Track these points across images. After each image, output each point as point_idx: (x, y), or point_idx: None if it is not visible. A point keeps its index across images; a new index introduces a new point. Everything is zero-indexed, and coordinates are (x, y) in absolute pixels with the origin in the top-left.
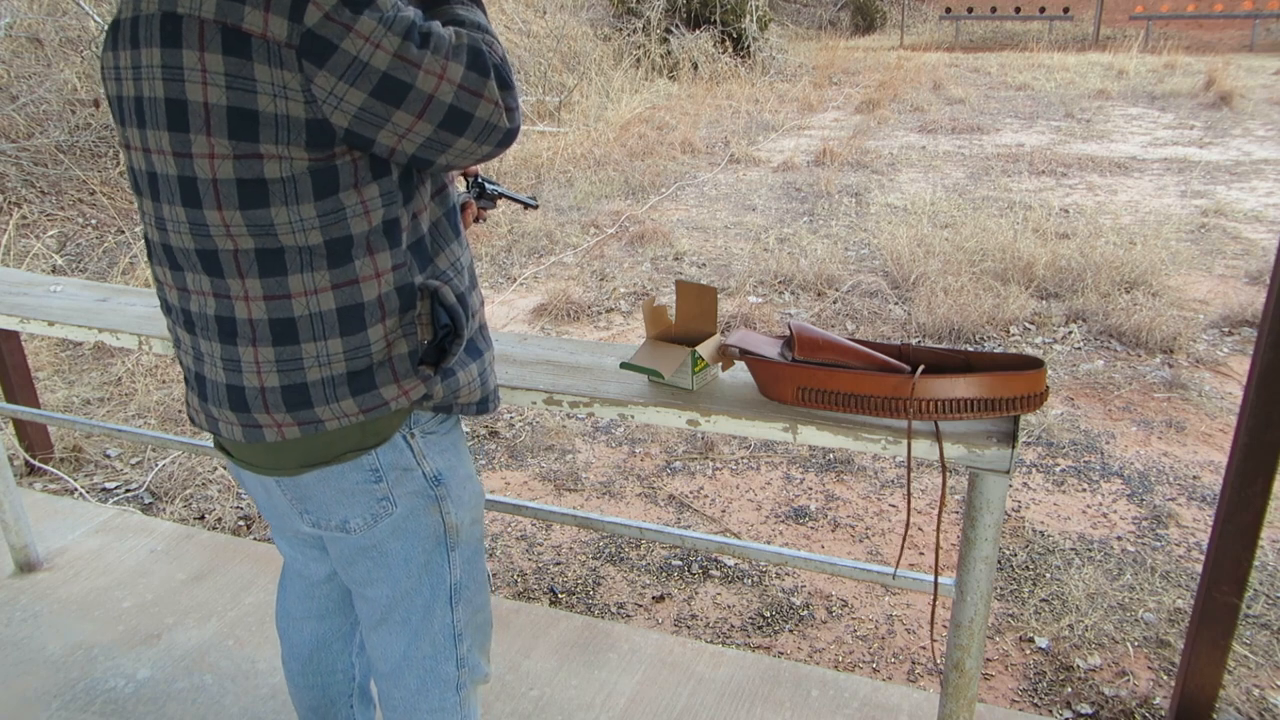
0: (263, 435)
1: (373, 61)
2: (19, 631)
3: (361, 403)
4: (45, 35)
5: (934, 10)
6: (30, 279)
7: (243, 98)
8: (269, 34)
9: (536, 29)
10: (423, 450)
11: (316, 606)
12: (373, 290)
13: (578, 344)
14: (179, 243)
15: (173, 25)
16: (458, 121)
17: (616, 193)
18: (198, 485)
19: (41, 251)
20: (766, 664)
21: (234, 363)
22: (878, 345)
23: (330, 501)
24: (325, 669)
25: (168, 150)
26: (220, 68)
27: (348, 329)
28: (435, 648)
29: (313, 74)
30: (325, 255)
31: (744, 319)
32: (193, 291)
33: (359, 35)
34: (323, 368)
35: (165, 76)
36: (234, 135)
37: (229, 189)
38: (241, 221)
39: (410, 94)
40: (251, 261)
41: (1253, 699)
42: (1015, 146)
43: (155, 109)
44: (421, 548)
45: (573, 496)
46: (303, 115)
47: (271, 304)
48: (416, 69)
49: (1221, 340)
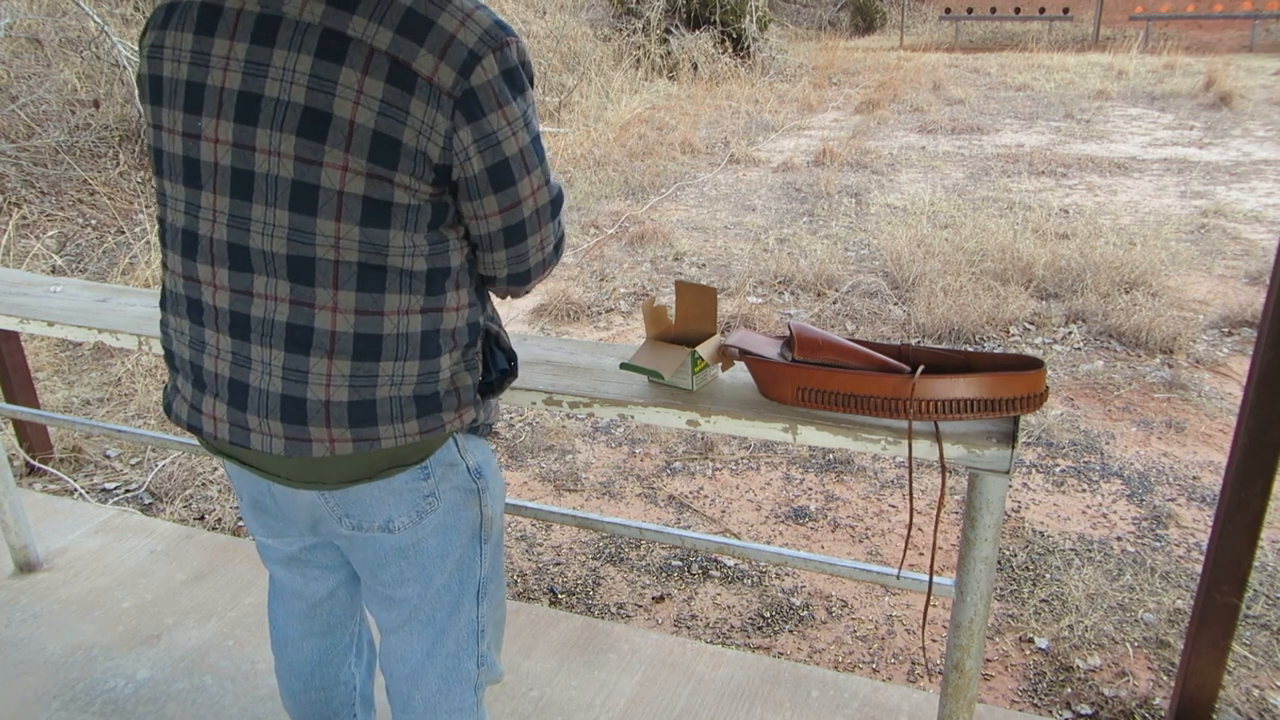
0: (310, 450)
1: (504, 144)
2: (19, 632)
3: (423, 424)
4: (45, 35)
5: (934, 11)
6: (30, 279)
7: (391, 125)
8: (435, 79)
9: (536, 29)
10: (465, 446)
11: (318, 625)
12: (451, 321)
13: (577, 344)
14: (263, 245)
15: (338, 43)
16: (517, 238)
17: (616, 193)
18: (197, 486)
19: (41, 252)
20: (766, 664)
21: (299, 373)
22: (877, 345)
23: (376, 503)
24: (329, 683)
25: (289, 154)
26: (379, 94)
27: (427, 353)
28: (458, 645)
29: (460, 125)
30: (425, 281)
31: (744, 319)
32: (259, 295)
33: (504, 116)
34: (394, 387)
35: (312, 85)
36: (373, 158)
37: (354, 204)
38: (357, 236)
39: (510, 190)
40: (352, 274)
41: (1253, 699)
42: (1015, 147)
43: (283, 112)
44: (459, 542)
45: (573, 497)
46: (436, 157)
47: (360, 318)
48: (527, 173)
49: (1221, 340)
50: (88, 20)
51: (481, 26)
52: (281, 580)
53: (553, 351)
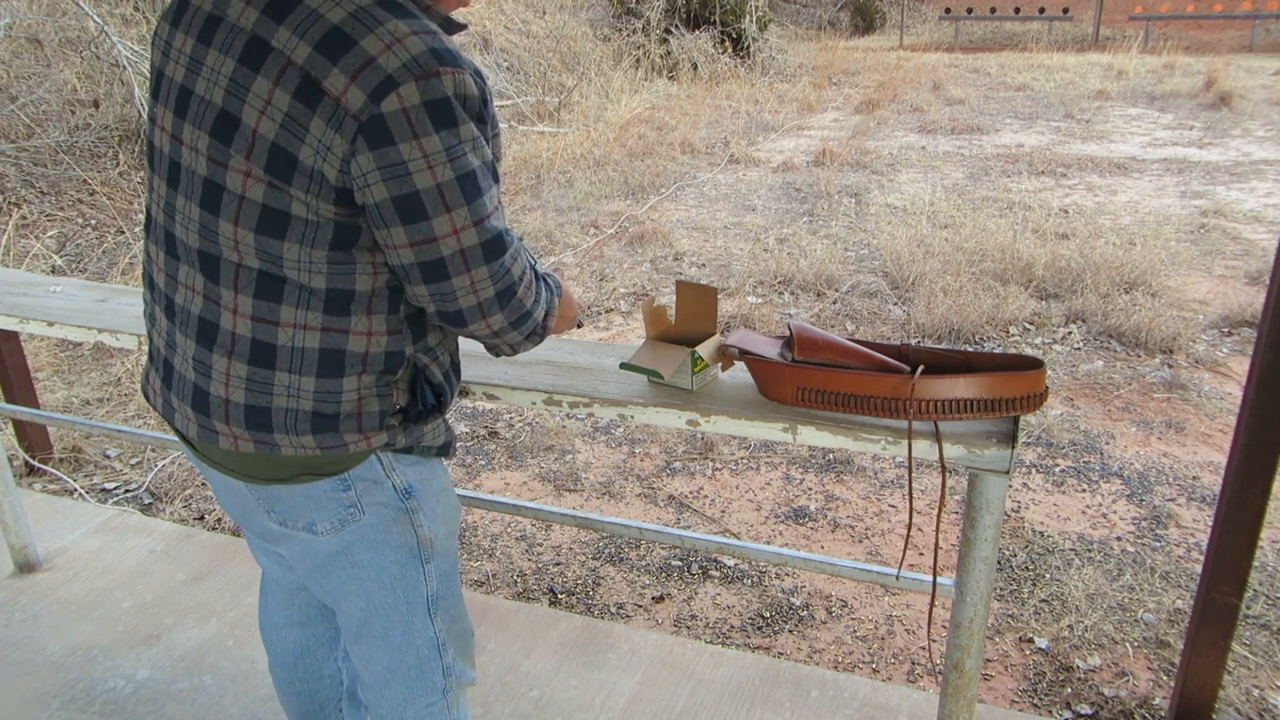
0: (217, 441)
1: (415, 175)
2: (19, 632)
3: (320, 441)
4: (45, 35)
5: (933, 11)
6: (30, 279)
7: (289, 140)
8: (343, 99)
9: (536, 29)
10: (392, 464)
11: (298, 614)
12: (360, 345)
13: (577, 344)
14: (184, 236)
15: (259, 51)
16: (437, 275)
17: (616, 193)
18: (197, 485)
19: (41, 252)
20: (766, 664)
21: (205, 366)
22: (877, 345)
23: (298, 505)
24: (312, 675)
25: (203, 151)
26: (284, 106)
27: (324, 372)
28: (419, 659)
29: (361, 150)
30: (324, 300)
31: (744, 319)
32: (182, 284)
33: (419, 147)
34: (290, 399)
35: (229, 89)
36: (269, 169)
37: (252, 209)
38: (252, 243)
39: (422, 224)
40: (251, 280)
41: (1252, 699)
42: (1015, 147)
43: (204, 110)
44: (394, 559)
45: (572, 497)
46: (333, 179)
47: (258, 325)
48: (446, 211)
49: (1221, 340)
50: (88, 20)
51: (410, 53)
52: (265, 567)
53: (553, 351)
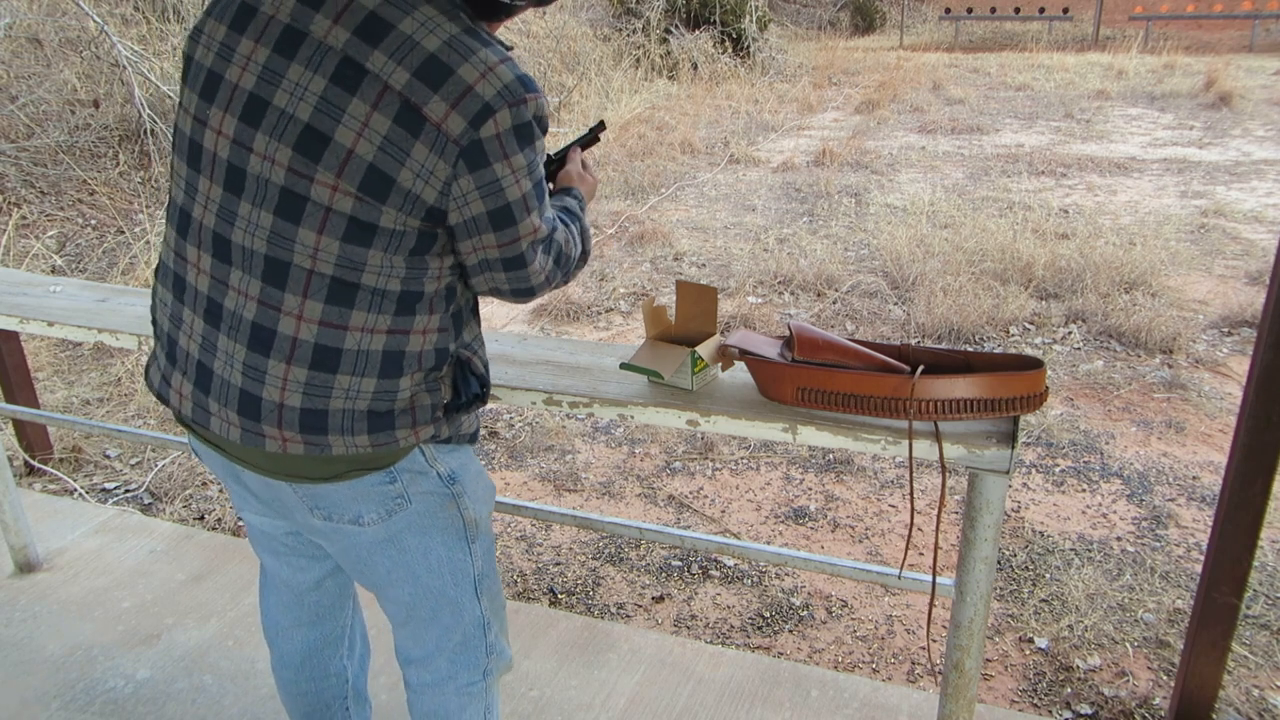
0: (263, 444)
1: (506, 190)
2: (18, 632)
3: (374, 439)
4: (45, 35)
5: (933, 10)
6: (30, 279)
7: (388, 162)
8: (444, 126)
9: (536, 29)
10: (434, 455)
11: (306, 614)
12: (418, 344)
13: (577, 344)
14: (244, 241)
15: (353, 73)
16: (520, 266)
17: (616, 193)
18: (197, 485)
19: (41, 252)
20: (766, 664)
21: (258, 371)
22: (877, 345)
23: (343, 500)
24: (318, 675)
25: (282, 163)
26: (383, 130)
27: (386, 373)
28: (465, 637)
29: (462, 174)
30: (396, 302)
31: (744, 319)
32: (234, 289)
33: (509, 165)
34: (349, 400)
35: (320, 108)
36: (363, 188)
37: (339, 220)
38: (336, 251)
39: (510, 229)
40: (323, 286)
41: (1252, 699)
42: (1015, 147)
43: (285, 123)
44: (441, 541)
45: (572, 497)
46: (431, 200)
47: (324, 329)
48: (527, 215)
49: (1221, 340)
50: (88, 20)
51: (502, 81)
52: (271, 569)
53: (553, 351)
